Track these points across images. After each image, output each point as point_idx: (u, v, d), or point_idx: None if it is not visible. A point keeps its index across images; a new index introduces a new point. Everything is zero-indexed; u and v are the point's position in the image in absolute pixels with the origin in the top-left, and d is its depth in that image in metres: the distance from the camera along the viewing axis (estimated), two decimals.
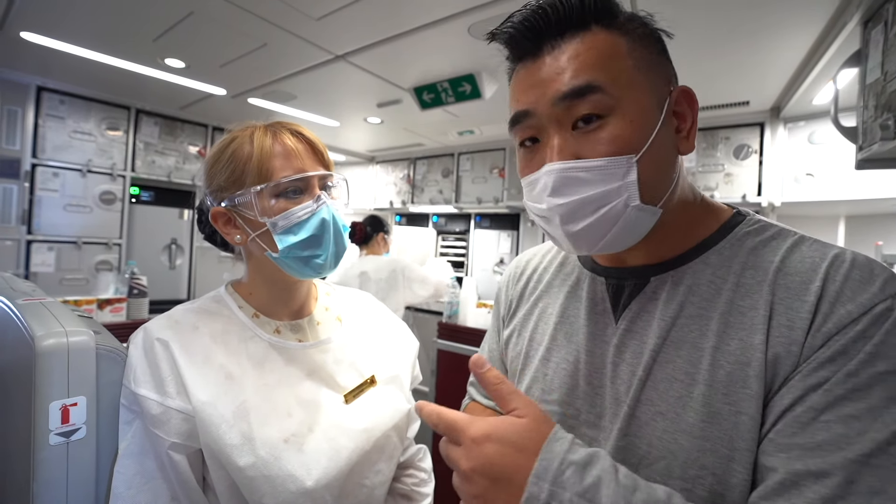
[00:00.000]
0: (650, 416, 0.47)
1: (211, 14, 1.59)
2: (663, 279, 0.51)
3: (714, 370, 0.44)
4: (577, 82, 0.45)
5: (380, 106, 2.50)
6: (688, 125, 0.49)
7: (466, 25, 1.52)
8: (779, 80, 1.91)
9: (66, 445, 0.61)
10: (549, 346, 0.60)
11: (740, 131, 2.34)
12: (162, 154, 2.89)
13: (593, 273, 0.59)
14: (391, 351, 0.83)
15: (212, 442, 0.60)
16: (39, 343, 0.60)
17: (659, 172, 0.47)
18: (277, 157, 0.66)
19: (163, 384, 0.62)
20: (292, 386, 0.68)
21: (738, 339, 0.44)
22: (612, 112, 0.45)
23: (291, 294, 0.75)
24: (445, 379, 2.34)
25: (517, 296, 0.70)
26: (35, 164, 2.44)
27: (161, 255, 3.00)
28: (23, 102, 2.40)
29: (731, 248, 0.49)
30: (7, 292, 0.85)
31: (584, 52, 0.45)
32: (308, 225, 0.66)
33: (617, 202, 0.45)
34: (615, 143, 0.45)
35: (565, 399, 0.55)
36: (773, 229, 0.50)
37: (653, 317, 0.50)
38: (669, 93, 0.48)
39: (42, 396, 0.59)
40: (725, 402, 0.43)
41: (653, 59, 0.47)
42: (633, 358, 0.50)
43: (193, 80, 2.30)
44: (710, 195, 0.56)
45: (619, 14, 0.48)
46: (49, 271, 2.48)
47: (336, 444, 0.66)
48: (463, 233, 3.64)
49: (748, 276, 0.47)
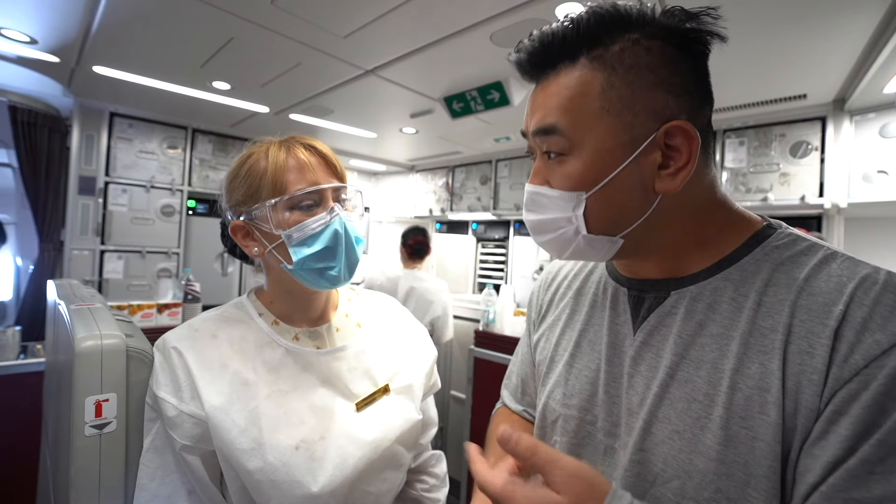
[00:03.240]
0: (666, 435, 0.46)
1: (248, 39, 1.70)
2: (683, 294, 0.50)
3: (733, 393, 0.43)
4: (545, 123, 0.49)
5: (413, 116, 2.55)
6: (680, 162, 0.47)
7: (488, 34, 1.53)
8: (841, 68, 1.73)
9: (99, 437, 0.67)
10: (574, 352, 0.60)
11: (797, 127, 2.16)
12: (215, 169, 3.11)
13: (616, 283, 0.59)
14: (408, 359, 0.83)
15: (224, 446, 0.63)
16: (78, 344, 0.67)
17: (613, 208, 0.48)
18: (291, 171, 0.68)
19: (179, 389, 0.65)
20: (306, 393, 0.70)
21: (758, 363, 0.42)
22: (570, 152, 0.48)
23: (310, 303, 0.77)
24: (482, 387, 2.32)
25: (547, 301, 0.71)
26: (107, 182, 2.70)
27: (214, 262, 3.22)
28: (98, 127, 2.67)
29: (755, 263, 0.47)
30: (69, 298, 0.95)
31: (558, 92, 0.48)
32: (321, 237, 0.68)
33: (568, 228, 0.50)
34: (568, 180, 0.49)
35: (585, 405, 0.56)
36: (804, 243, 0.47)
37: (670, 331, 0.49)
38: (657, 129, 0.46)
39: (79, 392, 0.65)
40: (743, 426, 0.42)
41: (635, 97, 0.45)
42: (648, 371, 0.50)
43: (239, 100, 2.46)
44: (763, 198, 0.53)
45: (615, 42, 0.46)
46: (118, 278, 2.73)
47: (343, 453, 0.67)
48: (502, 240, 3.61)
49: (770, 293, 0.45)
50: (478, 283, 3.80)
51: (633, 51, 0.46)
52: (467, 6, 1.40)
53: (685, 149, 0.46)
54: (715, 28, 0.46)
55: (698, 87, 0.48)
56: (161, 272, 2.86)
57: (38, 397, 1.50)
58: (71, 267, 2.59)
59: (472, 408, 2.34)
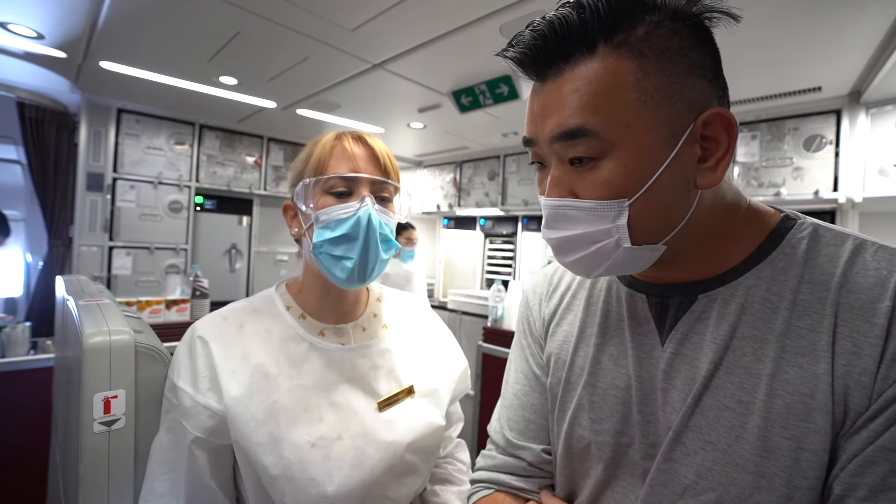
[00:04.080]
0: (699, 445, 0.43)
1: (255, 32, 1.69)
2: (712, 297, 0.46)
3: (771, 400, 0.40)
4: (569, 125, 0.42)
5: (421, 111, 2.53)
6: (719, 153, 0.43)
7: (497, 26, 1.51)
8: (857, 60, 1.70)
9: (108, 434, 0.66)
10: (593, 370, 0.55)
11: (811, 120, 2.12)
12: (222, 165, 3.11)
13: (631, 289, 0.54)
14: (435, 363, 0.81)
15: (241, 439, 0.62)
16: (87, 340, 0.66)
17: (659, 213, 0.43)
18: (335, 157, 0.70)
19: (197, 380, 0.64)
20: (327, 389, 0.69)
21: (797, 367, 0.40)
22: (606, 155, 0.42)
23: (340, 296, 0.75)
24: (490, 383, 2.32)
25: (551, 313, 0.64)
26: (115, 178, 2.72)
27: (222, 258, 3.22)
28: (105, 124, 2.68)
29: (784, 258, 0.44)
30: (78, 294, 0.95)
31: (583, 86, 0.41)
32: (344, 224, 0.67)
33: (607, 242, 0.44)
34: (606, 187, 0.42)
35: (618, 428, 0.51)
36: (829, 234, 0.44)
37: (703, 339, 0.46)
38: (695, 119, 0.42)
39: (88, 388, 0.65)
40: (784, 436, 0.39)
41: (672, 84, 0.41)
42: (684, 384, 0.46)
43: (246, 95, 2.46)
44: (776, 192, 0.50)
45: (636, 26, 0.41)
46: (127, 274, 2.75)
47: (361, 454, 0.66)
48: (510, 235, 3.59)
49: (805, 291, 0.42)
50: (486, 278, 3.78)
51: (660, 33, 0.41)
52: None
53: (724, 138, 0.43)
54: (730, 9, 0.43)
55: (721, 71, 0.45)
56: (169, 268, 2.87)
57: (47, 393, 1.51)
58: (80, 263, 2.61)
59: (480, 404, 2.34)
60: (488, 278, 3.74)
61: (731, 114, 0.42)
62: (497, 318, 2.56)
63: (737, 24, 0.43)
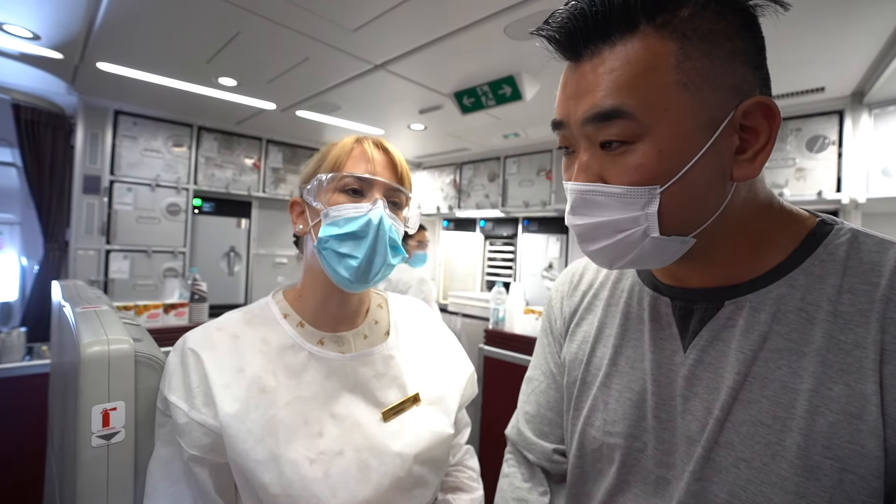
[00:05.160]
0: (731, 462, 0.41)
1: (255, 33, 1.67)
2: (740, 304, 0.45)
3: (813, 418, 0.38)
4: (604, 106, 0.40)
5: (422, 112, 2.51)
6: (758, 145, 0.41)
7: (502, 26, 1.49)
8: (860, 60, 1.69)
9: (107, 447, 0.64)
10: (609, 371, 0.54)
11: (814, 121, 2.11)
12: (220, 167, 3.08)
13: (655, 291, 0.53)
14: (440, 369, 0.79)
15: (237, 457, 0.59)
16: (84, 350, 0.63)
17: (691, 203, 0.41)
18: (353, 158, 0.70)
19: (192, 395, 0.61)
20: (328, 400, 0.66)
21: (843, 384, 0.38)
22: (640, 139, 0.40)
23: (342, 300, 0.73)
24: (492, 385, 2.31)
25: (571, 312, 0.64)
26: (112, 181, 2.68)
27: (221, 262, 3.19)
28: (102, 126, 2.65)
29: (821, 266, 0.42)
30: (75, 300, 0.93)
31: (620, 67, 0.39)
32: (354, 222, 0.66)
33: (635, 230, 0.42)
34: (638, 172, 0.40)
35: (631, 432, 0.50)
36: (871, 241, 0.42)
37: (729, 347, 0.44)
38: (735, 106, 0.40)
39: (85, 400, 0.62)
40: (827, 455, 0.37)
41: (714, 69, 0.39)
42: (707, 394, 0.44)
43: (245, 97, 2.43)
44: (778, 193, 0.48)
45: (681, 6, 0.39)
46: (124, 278, 2.71)
47: (366, 467, 0.64)
48: (511, 237, 3.58)
49: (847, 302, 0.40)
50: (486, 280, 3.76)
51: (705, 16, 0.39)
52: None
53: (764, 129, 0.41)
54: None
55: (765, 60, 0.43)
56: (167, 272, 2.84)
57: (43, 399, 1.48)
58: (76, 267, 2.57)
59: (482, 407, 2.32)
60: (488, 280, 3.72)
61: (775, 104, 0.40)
62: (498, 320, 2.55)
63: (785, 12, 0.41)
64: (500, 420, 0.76)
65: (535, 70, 1.89)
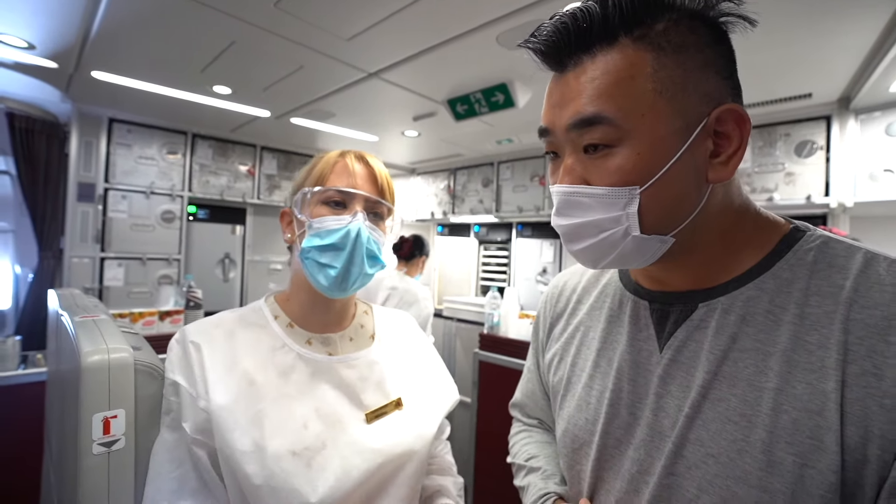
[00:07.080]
0: (700, 458, 0.43)
1: (250, 42, 1.68)
2: (712, 306, 0.47)
3: (777, 415, 0.40)
4: (587, 112, 0.43)
5: (415, 119, 2.53)
6: (731, 149, 0.44)
7: (495, 35, 1.51)
8: (847, 66, 1.72)
9: (108, 455, 0.64)
10: (592, 372, 0.57)
11: (802, 126, 2.15)
12: (215, 174, 3.08)
13: (636, 296, 0.55)
14: (422, 377, 0.83)
15: (224, 446, 0.62)
16: (84, 359, 0.64)
17: (669, 203, 0.44)
18: (336, 172, 0.74)
19: (195, 383, 0.65)
20: (314, 398, 0.69)
21: (805, 383, 0.39)
22: (620, 143, 0.43)
23: (327, 305, 0.77)
24: (487, 390, 2.31)
25: (555, 317, 0.68)
26: (107, 189, 2.68)
27: (216, 268, 3.19)
28: (97, 133, 2.64)
29: (790, 270, 0.44)
30: (72, 309, 0.93)
31: (601, 76, 0.43)
32: (334, 234, 0.70)
33: (617, 230, 0.44)
34: (619, 174, 0.43)
35: (607, 429, 0.53)
36: (839, 246, 0.44)
37: (701, 347, 0.46)
38: (708, 113, 0.43)
39: (86, 408, 0.63)
40: (789, 451, 0.39)
41: (688, 78, 0.42)
42: (679, 392, 0.47)
43: (240, 105, 2.44)
44: (768, 198, 0.51)
45: (658, 20, 0.42)
46: (119, 285, 2.70)
47: (347, 464, 0.66)
48: (505, 242, 3.59)
49: (814, 304, 0.42)
50: (480, 286, 3.78)
51: (679, 30, 0.42)
52: (474, 7, 1.37)
53: (736, 134, 0.44)
54: (747, 13, 0.44)
55: (735, 71, 0.46)
56: (162, 279, 2.83)
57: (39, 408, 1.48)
58: (71, 275, 2.56)
59: (477, 412, 2.32)
60: (483, 285, 3.74)
61: (745, 111, 0.43)
62: (493, 325, 2.56)
63: (753, 28, 0.44)
64: (494, 425, 0.82)
65: (528, 78, 1.91)
